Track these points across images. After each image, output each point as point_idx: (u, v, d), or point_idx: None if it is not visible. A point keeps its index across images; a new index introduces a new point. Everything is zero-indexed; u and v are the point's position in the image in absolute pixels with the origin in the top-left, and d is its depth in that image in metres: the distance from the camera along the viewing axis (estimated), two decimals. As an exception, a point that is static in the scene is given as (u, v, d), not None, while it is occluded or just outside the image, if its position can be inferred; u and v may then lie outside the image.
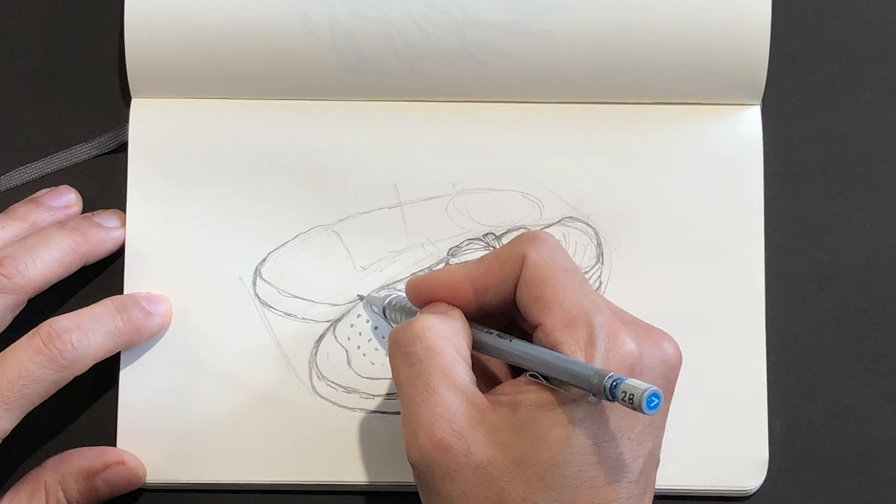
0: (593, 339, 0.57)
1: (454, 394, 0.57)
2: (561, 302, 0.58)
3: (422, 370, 0.58)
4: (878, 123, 0.70)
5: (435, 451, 0.57)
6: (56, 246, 0.65)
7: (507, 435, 0.57)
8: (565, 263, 0.59)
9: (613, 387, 0.54)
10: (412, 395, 0.58)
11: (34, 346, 0.62)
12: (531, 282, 0.58)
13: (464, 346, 0.59)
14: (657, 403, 0.53)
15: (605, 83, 0.68)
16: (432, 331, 0.59)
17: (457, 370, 0.58)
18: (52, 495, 0.64)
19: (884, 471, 0.67)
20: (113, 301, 0.65)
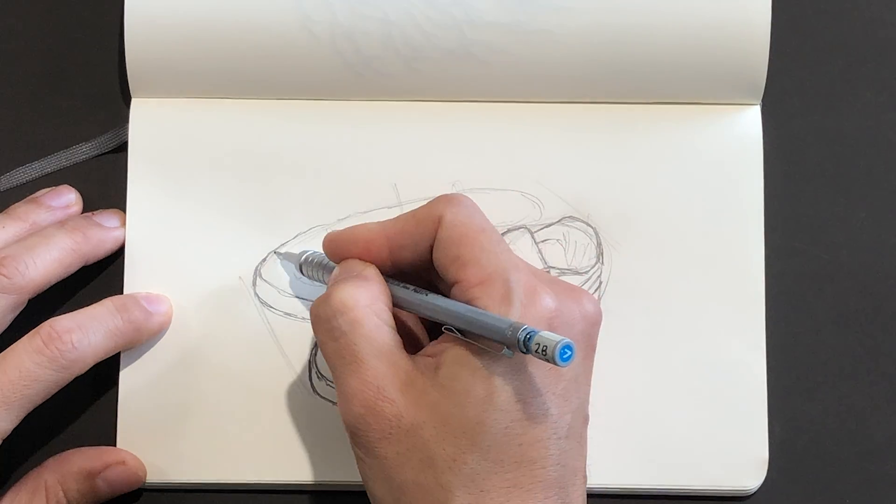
0: (509, 294, 0.57)
1: (380, 360, 0.58)
2: (477, 259, 0.58)
3: (347, 342, 0.59)
4: (878, 123, 0.70)
5: (368, 416, 0.58)
6: (56, 246, 0.65)
7: (432, 395, 0.57)
8: (482, 223, 0.60)
9: (527, 339, 0.54)
10: (341, 367, 0.59)
11: (35, 346, 0.62)
12: (447, 241, 0.59)
13: (384, 309, 0.60)
14: (570, 355, 0.53)
15: (605, 83, 0.68)
16: (351, 301, 0.59)
17: (381, 337, 0.59)
18: (53, 495, 0.64)
19: (884, 471, 0.67)
20: (113, 301, 0.65)
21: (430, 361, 0.59)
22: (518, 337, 0.55)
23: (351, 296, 0.59)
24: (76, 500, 0.65)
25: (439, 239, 0.60)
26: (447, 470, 0.57)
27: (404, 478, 0.57)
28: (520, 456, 0.57)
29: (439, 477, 0.57)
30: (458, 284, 0.59)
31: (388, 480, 0.58)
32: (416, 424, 0.57)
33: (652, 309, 0.67)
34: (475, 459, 0.56)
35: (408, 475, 0.57)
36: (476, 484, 0.56)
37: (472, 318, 0.57)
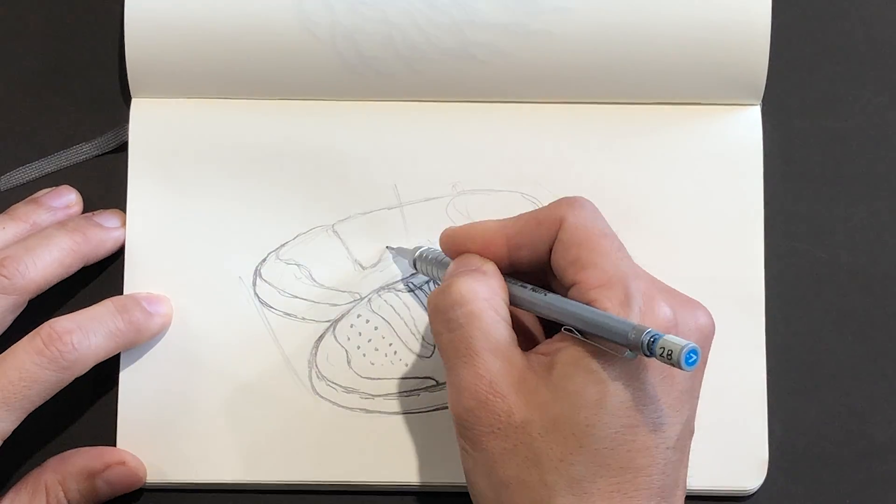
0: (629, 299, 0.57)
1: (495, 356, 0.58)
2: (597, 263, 0.59)
3: (463, 335, 0.59)
4: (878, 123, 0.70)
5: (479, 410, 0.58)
6: (56, 246, 0.65)
7: (544, 395, 0.57)
8: (603, 228, 0.60)
9: (651, 342, 0.54)
10: (455, 359, 0.59)
11: (35, 347, 0.62)
12: (568, 244, 0.59)
13: (502, 305, 0.60)
14: (695, 360, 0.53)
15: (604, 83, 0.68)
16: (470, 294, 0.59)
17: (497, 332, 0.59)
18: (53, 496, 0.64)
19: (884, 471, 0.67)
20: (114, 302, 0.65)
21: (544, 360, 0.59)
22: (642, 339, 0.54)
23: (470, 289, 0.60)
24: (77, 501, 0.65)
25: (560, 240, 0.60)
26: (553, 470, 0.57)
27: (508, 473, 0.57)
28: (627, 462, 0.56)
29: (544, 476, 0.57)
30: (576, 286, 0.59)
31: (491, 475, 0.58)
32: (525, 422, 0.57)
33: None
34: (582, 462, 0.56)
35: (512, 471, 0.57)
36: (580, 486, 0.56)
37: (593, 318, 0.57)
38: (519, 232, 0.61)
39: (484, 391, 0.58)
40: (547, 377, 0.58)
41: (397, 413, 0.67)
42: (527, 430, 0.57)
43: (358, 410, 0.67)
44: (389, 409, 0.67)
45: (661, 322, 0.57)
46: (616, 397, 0.56)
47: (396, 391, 0.67)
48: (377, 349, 0.68)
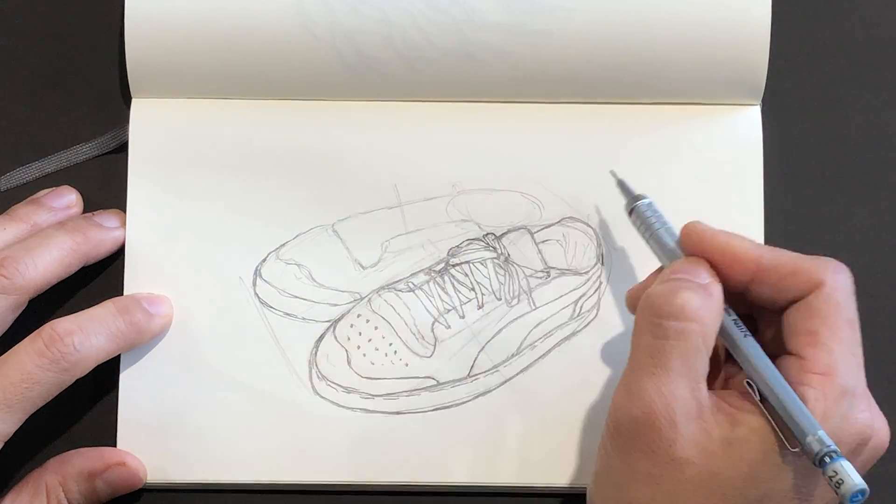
0: (842, 401, 0.57)
1: (685, 382, 0.57)
2: (832, 349, 0.57)
3: (665, 346, 0.58)
4: (878, 123, 0.70)
5: (645, 426, 0.57)
6: (56, 246, 0.65)
7: (715, 444, 0.56)
8: (851, 314, 0.59)
9: (824, 458, 0.54)
10: (646, 364, 0.58)
11: (36, 348, 0.62)
12: (814, 311, 0.58)
13: (712, 335, 0.59)
14: (860, 500, 0.53)
15: (605, 83, 0.68)
16: (694, 315, 0.58)
17: (698, 361, 0.58)
18: (54, 496, 0.64)
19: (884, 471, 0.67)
20: (114, 303, 0.65)
21: (729, 412, 0.57)
22: (817, 451, 0.54)
23: (696, 308, 0.58)
24: (77, 501, 0.65)
25: (808, 303, 0.58)
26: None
27: (641, 496, 0.57)
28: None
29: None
30: (798, 360, 0.58)
31: (624, 489, 0.58)
32: (684, 461, 0.56)
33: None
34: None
35: (646, 496, 0.57)
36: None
37: (786, 401, 0.56)
38: (773, 269, 0.59)
39: (659, 409, 0.57)
40: (727, 429, 0.57)
41: (397, 413, 0.67)
42: (681, 468, 0.56)
43: (358, 410, 0.67)
44: (389, 409, 0.67)
45: (858, 434, 0.57)
46: (783, 484, 0.56)
47: (396, 391, 0.67)
48: (377, 349, 0.68)
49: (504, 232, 0.68)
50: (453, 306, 0.68)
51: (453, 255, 0.68)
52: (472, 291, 0.68)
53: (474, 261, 0.68)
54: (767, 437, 0.56)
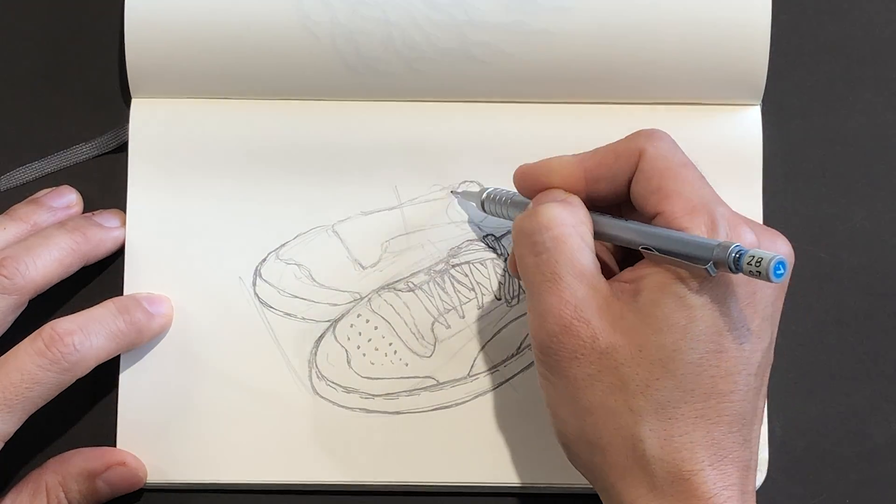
0: (715, 225, 0.58)
1: (580, 281, 0.58)
2: (681, 192, 0.59)
3: (548, 259, 0.59)
4: (878, 123, 0.70)
5: (563, 335, 0.58)
6: (56, 246, 0.65)
7: (630, 320, 0.58)
8: (683, 158, 0.60)
9: (738, 257, 0.54)
10: (539, 283, 0.59)
11: (36, 348, 0.62)
12: (650, 174, 0.60)
13: (588, 233, 0.60)
14: (783, 273, 0.53)
15: (604, 83, 0.68)
16: (558, 220, 0.60)
17: (583, 258, 0.59)
18: (54, 496, 0.64)
19: (884, 471, 0.67)
20: (115, 302, 0.65)
21: (628, 287, 0.59)
22: (729, 254, 0.55)
23: (557, 214, 0.60)
24: (77, 501, 0.65)
25: (641, 170, 0.60)
26: (639, 395, 0.57)
27: (592, 400, 0.58)
28: (710, 387, 0.57)
29: (630, 401, 0.57)
30: (660, 215, 0.59)
31: (575, 401, 0.58)
32: (610, 347, 0.57)
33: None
34: (668, 387, 0.57)
35: (596, 397, 0.58)
36: (666, 411, 0.57)
37: (679, 237, 0.57)
38: (597, 164, 0.61)
39: (568, 316, 0.58)
40: (632, 303, 0.58)
41: (397, 413, 0.67)
42: (612, 356, 0.57)
43: (358, 410, 0.67)
44: (389, 409, 0.67)
45: (746, 244, 0.57)
46: (702, 322, 0.57)
47: (396, 391, 0.67)
48: (377, 349, 0.68)
49: (504, 233, 0.68)
50: (453, 306, 0.68)
51: (453, 256, 0.68)
52: (471, 291, 0.68)
53: (474, 261, 0.68)
54: (668, 288, 0.57)
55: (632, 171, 0.60)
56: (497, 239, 0.68)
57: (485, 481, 0.67)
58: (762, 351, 0.58)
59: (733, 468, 0.57)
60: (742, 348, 0.58)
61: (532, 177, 0.63)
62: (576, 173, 0.62)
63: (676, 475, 0.57)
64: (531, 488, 0.66)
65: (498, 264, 0.68)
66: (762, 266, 0.54)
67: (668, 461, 0.57)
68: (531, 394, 0.67)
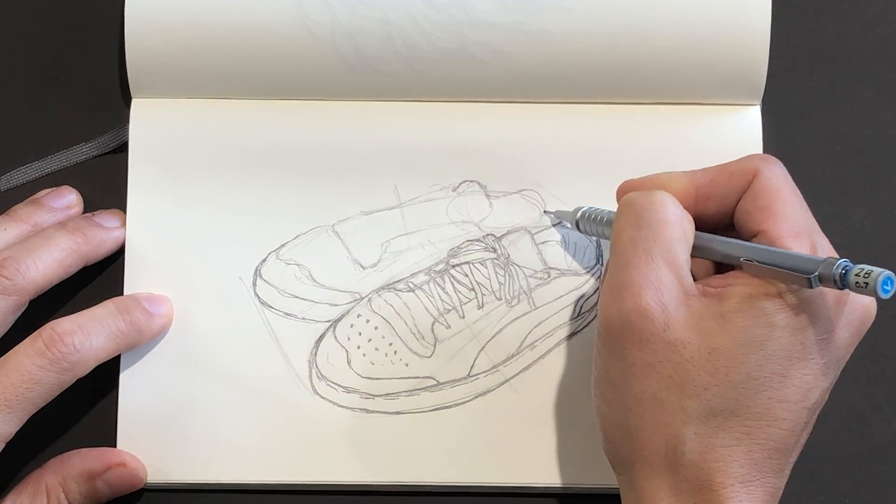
0: (815, 251, 0.58)
1: (670, 268, 0.58)
2: (789, 215, 0.59)
3: (647, 236, 0.59)
4: (878, 123, 0.70)
5: (635, 315, 0.58)
6: (57, 247, 0.65)
7: (708, 322, 0.57)
8: (794, 186, 0.60)
9: (845, 273, 0.54)
10: (630, 257, 0.59)
11: (36, 348, 0.62)
12: (760, 192, 0.60)
13: (690, 232, 0.60)
14: (890, 290, 0.53)
15: (604, 83, 0.68)
16: (669, 206, 0.59)
17: (679, 249, 0.59)
18: (54, 497, 0.64)
19: (884, 471, 0.67)
20: (115, 302, 0.65)
21: (713, 291, 0.58)
22: (834, 271, 0.54)
23: (670, 202, 0.60)
24: (77, 502, 0.65)
25: (753, 188, 0.60)
26: (694, 396, 0.57)
27: (644, 389, 0.58)
28: (765, 409, 0.57)
29: (683, 400, 0.57)
30: (762, 234, 0.59)
31: (626, 388, 0.58)
32: (680, 341, 0.57)
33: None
34: (725, 395, 0.57)
35: (650, 388, 0.57)
36: (715, 419, 0.57)
37: (784, 251, 0.57)
38: (710, 182, 0.61)
39: (649, 297, 0.57)
40: (716, 306, 0.58)
41: (397, 413, 0.67)
42: (678, 350, 0.57)
43: (358, 410, 0.67)
44: (389, 409, 0.67)
45: None
46: (778, 343, 0.57)
47: (396, 391, 0.67)
48: (377, 349, 0.68)
49: (504, 233, 0.68)
50: (453, 306, 0.68)
51: (453, 256, 0.68)
52: (472, 291, 0.68)
53: (474, 261, 0.68)
54: (756, 301, 0.57)
55: (743, 191, 0.60)
56: (497, 239, 0.68)
57: (485, 481, 0.67)
58: (822, 389, 0.58)
59: (762, 492, 0.57)
60: (806, 380, 0.57)
61: (641, 188, 0.62)
62: (687, 189, 0.61)
63: (706, 484, 0.56)
64: (531, 488, 0.66)
65: (498, 264, 0.68)
66: (870, 279, 0.53)
67: (703, 468, 0.56)
68: (531, 394, 0.67)
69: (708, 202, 0.61)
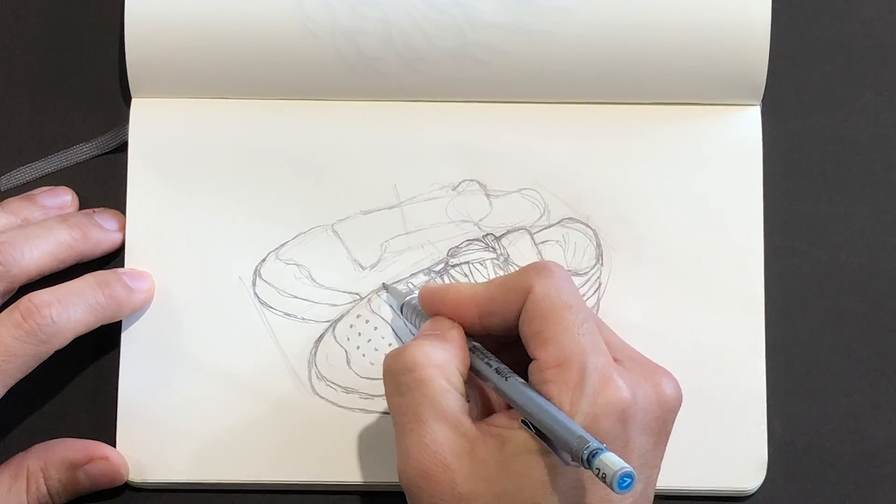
0: (583, 381, 0.57)
1: (442, 424, 0.58)
2: (558, 340, 0.58)
3: (411, 400, 0.59)
4: (878, 123, 0.70)
5: (421, 480, 0.58)
6: (55, 240, 0.65)
7: (491, 468, 0.57)
8: (569, 299, 0.59)
9: (591, 457, 0.53)
10: (402, 424, 0.59)
11: (13, 320, 0.62)
12: (532, 315, 0.59)
13: (455, 373, 0.60)
14: (629, 483, 0.52)
15: (605, 83, 0.68)
16: (422, 359, 0.59)
17: (446, 400, 0.58)
18: (34, 482, 0.64)
19: (884, 471, 0.67)
20: (94, 276, 0.65)
21: (497, 433, 0.58)
22: (582, 453, 0.54)
23: (424, 354, 0.59)
24: (56, 490, 0.65)
25: (525, 311, 0.59)
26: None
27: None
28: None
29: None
30: (535, 362, 0.58)
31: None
32: (468, 494, 0.57)
33: (651, 310, 0.67)
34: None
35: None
36: None
37: (544, 420, 0.56)
38: (490, 299, 0.61)
39: (428, 461, 0.57)
40: (497, 452, 0.57)
41: (397, 413, 0.67)
42: (470, 502, 0.57)
43: (358, 410, 0.67)
44: (389, 409, 0.67)
45: (616, 404, 0.57)
46: (562, 480, 0.56)
47: (396, 391, 0.67)
48: (377, 349, 0.67)
49: (504, 232, 0.68)
50: (453, 307, 0.68)
51: (453, 256, 0.68)
52: (471, 292, 0.68)
53: (474, 261, 0.68)
54: (532, 443, 0.57)
55: (520, 308, 0.60)
56: (497, 239, 0.68)
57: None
58: (633, 498, 0.58)
59: None
60: (608, 498, 0.57)
61: (432, 300, 0.63)
62: (469, 305, 0.61)
63: None
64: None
65: (498, 264, 0.68)
66: (608, 479, 0.53)
67: None
68: (531, 394, 0.67)
69: (491, 318, 0.61)
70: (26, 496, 0.64)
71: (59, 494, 0.65)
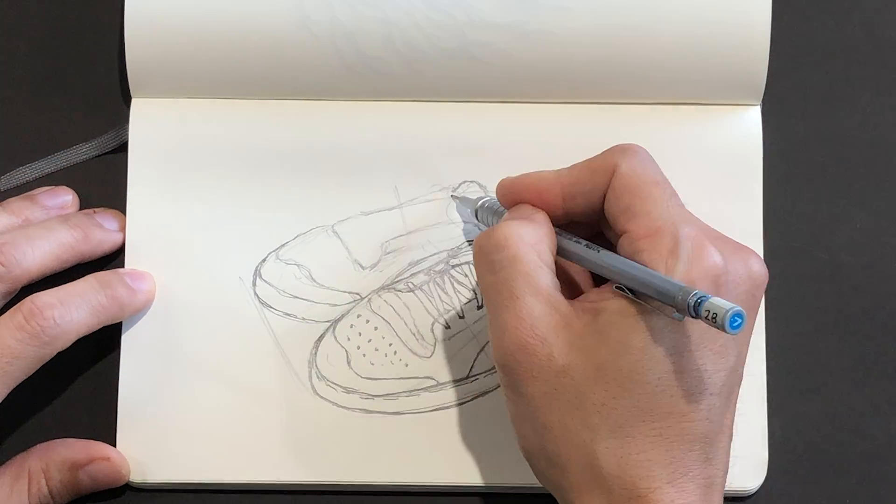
0: (677, 248, 0.57)
1: (537, 299, 0.58)
2: (648, 211, 0.59)
3: (505, 277, 0.59)
4: (878, 123, 0.70)
5: (519, 353, 0.58)
6: (56, 240, 0.65)
7: (588, 340, 0.58)
8: (655, 175, 0.60)
9: (697, 304, 0.54)
10: (497, 301, 0.59)
11: (16, 322, 0.62)
12: (620, 191, 0.59)
13: (547, 251, 0.60)
14: (740, 323, 0.53)
15: (605, 83, 0.68)
16: (515, 237, 0.59)
17: (539, 276, 0.59)
18: (35, 482, 0.64)
19: (884, 471, 0.67)
20: (96, 277, 0.65)
21: (590, 307, 0.59)
22: (688, 301, 0.54)
23: (515, 233, 0.60)
24: (57, 490, 0.65)
25: (612, 188, 0.60)
26: (595, 413, 0.57)
27: (550, 417, 0.58)
28: (669, 407, 0.57)
29: (587, 419, 0.57)
30: (625, 235, 0.59)
31: (534, 420, 0.59)
32: (567, 366, 0.58)
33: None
34: (624, 406, 0.57)
35: (554, 415, 0.58)
36: (623, 430, 0.57)
37: (642, 279, 0.57)
38: (574, 181, 0.61)
39: (524, 334, 0.58)
40: (592, 323, 0.58)
41: (397, 413, 0.67)
42: (569, 374, 0.57)
43: (358, 410, 0.67)
44: (389, 409, 0.67)
45: (710, 270, 0.57)
46: (661, 345, 0.57)
47: (396, 391, 0.67)
48: (377, 349, 0.68)
49: (504, 232, 0.68)
50: (453, 307, 0.68)
51: (453, 256, 0.68)
52: (471, 292, 0.68)
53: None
54: (630, 308, 0.57)
55: (606, 188, 0.60)
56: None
57: (484, 482, 0.67)
58: (727, 370, 0.58)
59: (693, 486, 0.57)
60: (702, 369, 0.57)
61: (512, 190, 0.63)
62: (552, 189, 0.62)
63: (633, 492, 0.57)
64: (531, 489, 0.66)
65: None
66: (718, 319, 0.53)
67: (625, 479, 0.57)
68: (531, 394, 0.67)
69: (575, 200, 0.61)
70: (27, 496, 0.64)
71: (60, 495, 0.65)
